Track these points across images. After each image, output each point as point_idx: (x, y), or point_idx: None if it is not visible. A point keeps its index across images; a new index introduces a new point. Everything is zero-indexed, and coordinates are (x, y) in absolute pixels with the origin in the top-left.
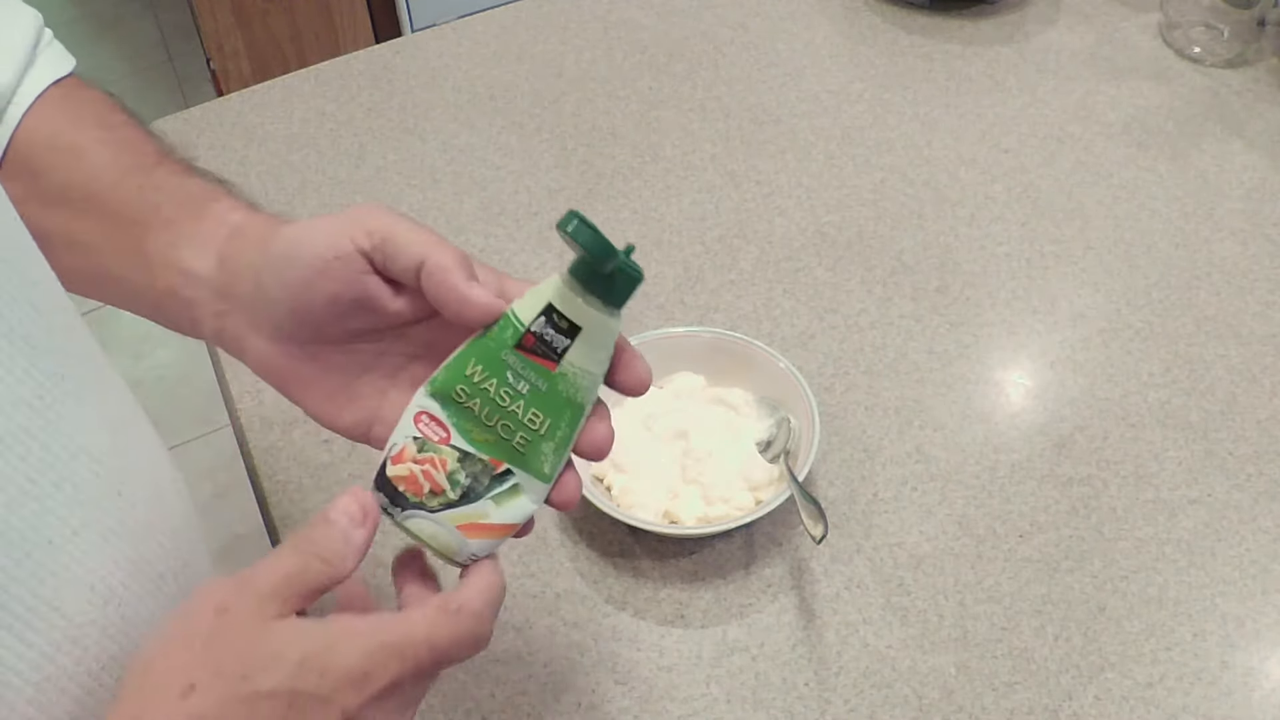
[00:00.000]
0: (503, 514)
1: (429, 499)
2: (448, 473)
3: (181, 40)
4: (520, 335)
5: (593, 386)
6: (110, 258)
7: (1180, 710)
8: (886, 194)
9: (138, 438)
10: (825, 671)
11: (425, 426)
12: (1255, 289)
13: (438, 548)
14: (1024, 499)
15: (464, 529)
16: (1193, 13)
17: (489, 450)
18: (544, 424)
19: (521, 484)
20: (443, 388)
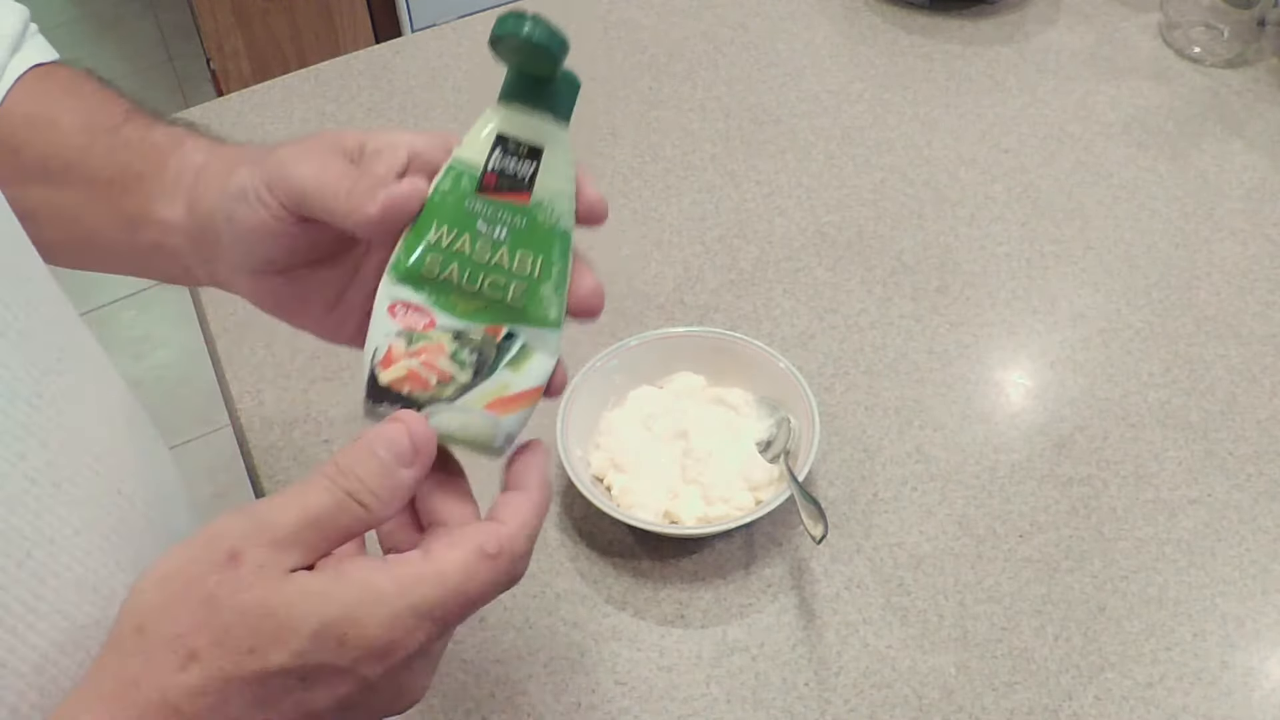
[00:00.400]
0: (524, 379)
1: (441, 390)
2: (449, 355)
3: (181, 40)
4: (479, 178)
5: (571, 210)
6: (94, 222)
7: (1180, 710)
8: (886, 194)
9: (137, 434)
10: (825, 671)
11: (404, 317)
12: (1255, 289)
13: (470, 440)
14: (1024, 499)
15: (492, 408)
16: (1193, 13)
17: (483, 318)
18: (535, 264)
19: (530, 342)
20: (410, 269)
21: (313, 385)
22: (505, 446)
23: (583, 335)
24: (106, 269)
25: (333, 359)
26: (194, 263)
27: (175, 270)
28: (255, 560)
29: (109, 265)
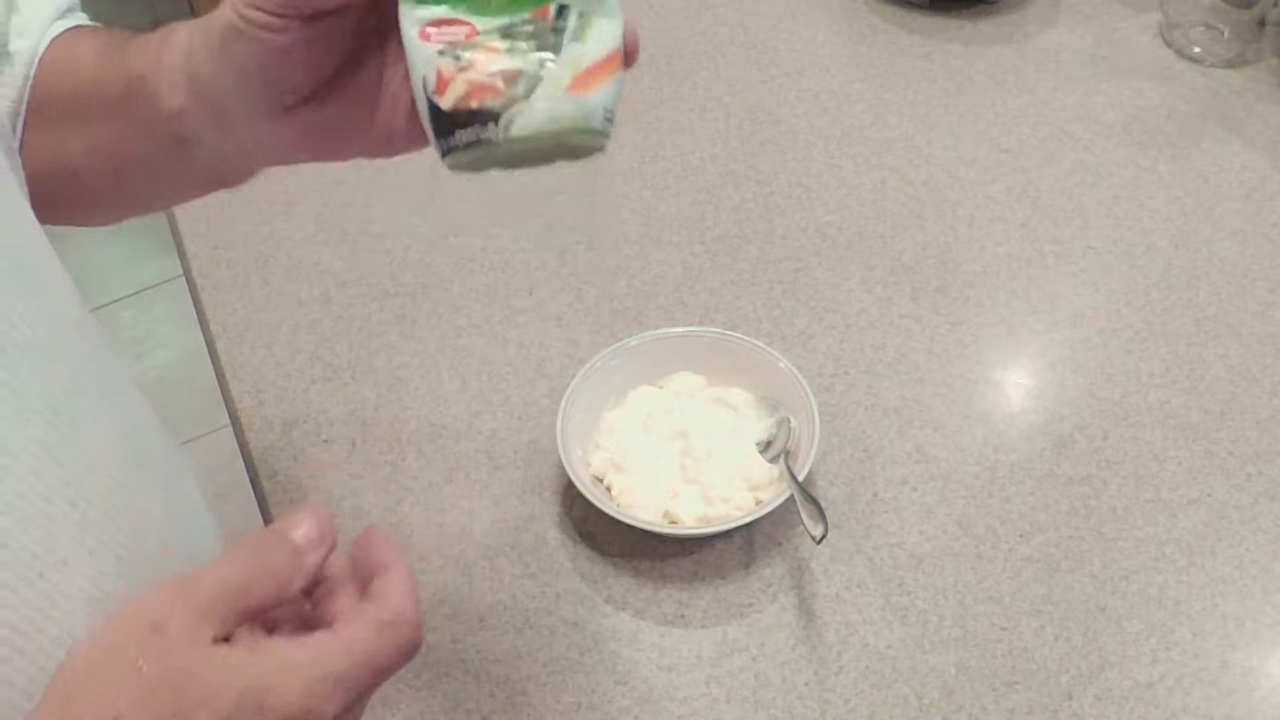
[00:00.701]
0: (595, 47)
1: (514, 88)
2: (504, 52)
3: None
4: None
5: None
6: (119, 145)
7: (1180, 710)
8: (886, 194)
9: (155, 450)
10: (825, 671)
11: (440, 36)
12: (1255, 289)
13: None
14: (1024, 499)
15: (574, 89)
16: (1193, 13)
17: (524, 5)
18: None
19: (584, 7)
20: None
21: (313, 385)
22: (608, 125)
23: (583, 335)
24: (149, 198)
25: (333, 359)
26: (223, 144)
27: (208, 161)
28: (178, 629)
29: (161, 191)
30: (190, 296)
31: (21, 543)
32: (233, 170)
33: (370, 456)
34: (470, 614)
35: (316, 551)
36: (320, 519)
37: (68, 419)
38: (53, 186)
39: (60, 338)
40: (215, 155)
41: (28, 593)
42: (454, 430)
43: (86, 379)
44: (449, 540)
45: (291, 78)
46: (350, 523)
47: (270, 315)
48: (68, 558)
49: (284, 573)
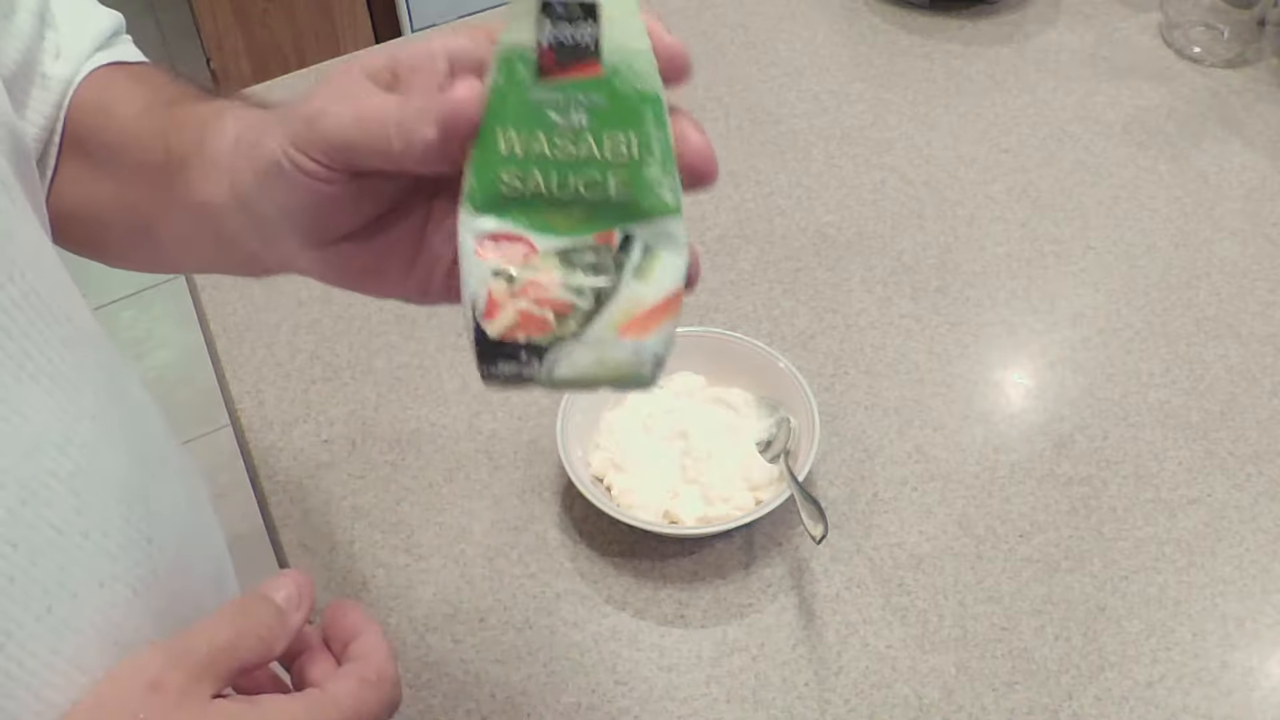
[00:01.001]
0: (657, 287)
1: (562, 327)
2: (561, 286)
3: (181, 40)
4: (535, 60)
5: (651, 67)
6: (152, 215)
7: (1180, 710)
8: (886, 194)
9: (172, 478)
10: (825, 671)
11: (495, 252)
12: (1255, 289)
13: (616, 375)
14: (1024, 499)
15: (627, 333)
16: (1193, 13)
17: (588, 227)
18: (632, 143)
19: (652, 240)
20: (486, 194)
21: (313, 385)
22: (656, 373)
23: None
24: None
25: (333, 359)
26: (255, 246)
27: (241, 258)
28: (177, 688)
29: (180, 262)
30: (190, 296)
31: (31, 575)
32: (265, 269)
33: (370, 456)
34: (470, 614)
35: (298, 612)
36: (299, 581)
37: (82, 447)
38: (81, 227)
39: (77, 365)
40: (247, 254)
41: (35, 627)
42: (454, 430)
43: (102, 405)
44: (449, 540)
45: (331, 220)
46: (350, 523)
47: (270, 315)
48: (78, 590)
49: (269, 632)
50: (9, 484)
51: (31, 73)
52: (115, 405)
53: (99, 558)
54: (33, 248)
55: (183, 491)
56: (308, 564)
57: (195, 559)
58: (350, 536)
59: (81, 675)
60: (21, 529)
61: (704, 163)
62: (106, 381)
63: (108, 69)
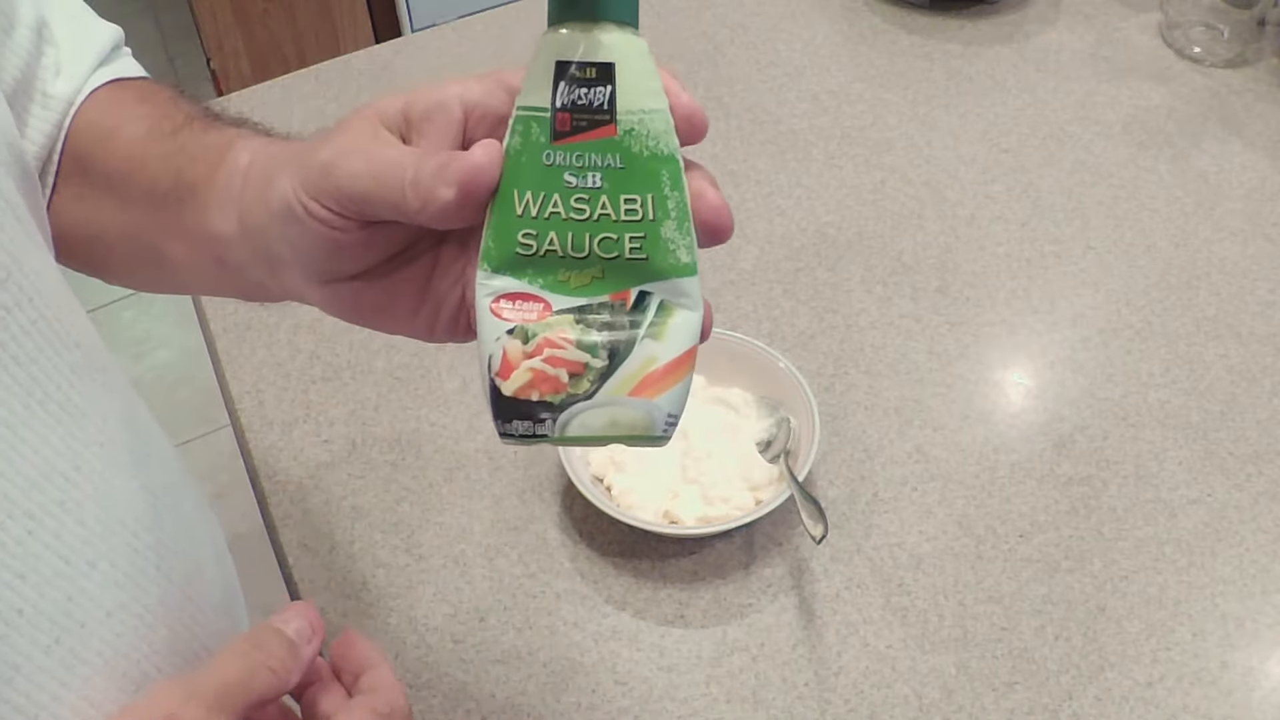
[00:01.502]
0: (671, 345)
1: (576, 385)
2: (576, 343)
3: (181, 40)
4: (550, 123)
5: (667, 127)
6: (156, 239)
7: (1180, 710)
8: (886, 194)
9: (179, 503)
10: (825, 671)
11: (512, 312)
12: (1255, 289)
13: (629, 434)
14: (1024, 499)
15: (639, 392)
16: (1193, 13)
17: (604, 286)
18: (646, 204)
19: (667, 298)
20: (502, 253)
21: (313, 385)
22: (669, 431)
23: None
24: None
25: (333, 359)
26: (262, 276)
27: (247, 286)
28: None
29: (185, 285)
30: (190, 296)
31: (39, 607)
32: (271, 297)
33: (370, 456)
34: (470, 614)
35: (310, 645)
36: (310, 614)
37: (90, 476)
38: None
39: (85, 392)
40: (257, 281)
41: (43, 659)
42: (454, 430)
43: (110, 433)
44: (449, 540)
45: (340, 262)
46: (350, 523)
47: (270, 315)
48: (85, 621)
49: (282, 666)
50: (16, 515)
51: (31, 90)
52: (123, 432)
53: (107, 587)
54: (40, 272)
55: (186, 513)
56: (308, 564)
57: (203, 587)
58: (350, 536)
59: (90, 708)
60: (29, 560)
61: (719, 220)
62: (115, 408)
63: (111, 88)
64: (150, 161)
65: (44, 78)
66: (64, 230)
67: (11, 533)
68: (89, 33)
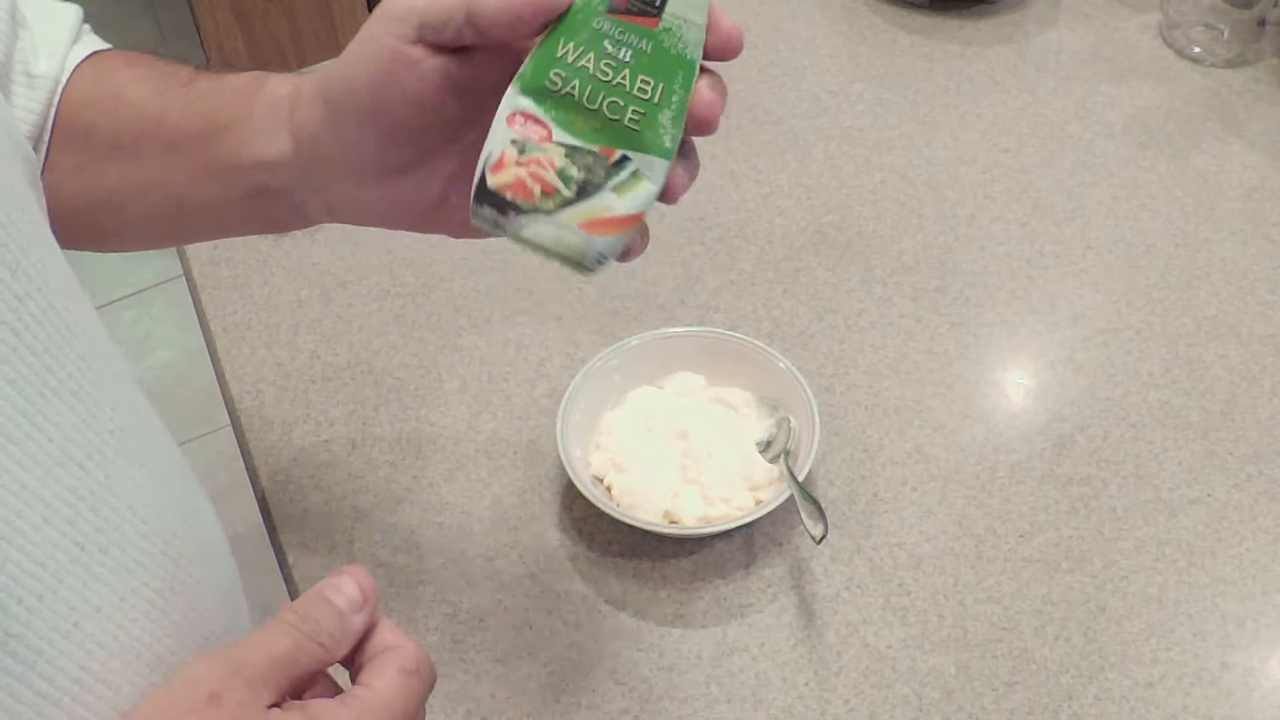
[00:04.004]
0: (627, 203)
1: (544, 201)
2: (558, 170)
3: (181, 40)
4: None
5: (698, 40)
6: (183, 185)
7: (1180, 710)
8: (886, 194)
9: (184, 492)
10: (825, 671)
11: (522, 127)
12: (1255, 289)
13: (562, 253)
14: (1024, 499)
15: (587, 227)
16: (1193, 13)
17: (598, 139)
18: (656, 90)
19: (641, 167)
20: (534, 80)
21: (313, 385)
22: (596, 267)
23: (583, 336)
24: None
25: (333, 359)
26: (304, 195)
27: (282, 213)
28: (235, 699)
29: (202, 228)
30: (190, 296)
31: (58, 592)
32: (298, 220)
33: (370, 456)
34: (470, 614)
35: (360, 614)
36: (361, 581)
37: (101, 463)
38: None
39: (95, 380)
40: (294, 203)
41: (64, 644)
42: (454, 430)
43: (120, 420)
44: (449, 540)
45: (388, 151)
46: (350, 523)
47: (270, 315)
48: (101, 605)
49: (330, 640)
50: (34, 503)
51: (11, 73)
52: (131, 418)
53: (119, 572)
54: (48, 263)
55: (190, 501)
56: (308, 564)
57: (207, 570)
58: (350, 537)
59: (109, 691)
60: (46, 547)
61: (707, 114)
62: (120, 396)
63: (95, 59)
64: (170, 112)
65: (25, 59)
66: (62, 205)
67: (30, 520)
68: (55, 12)
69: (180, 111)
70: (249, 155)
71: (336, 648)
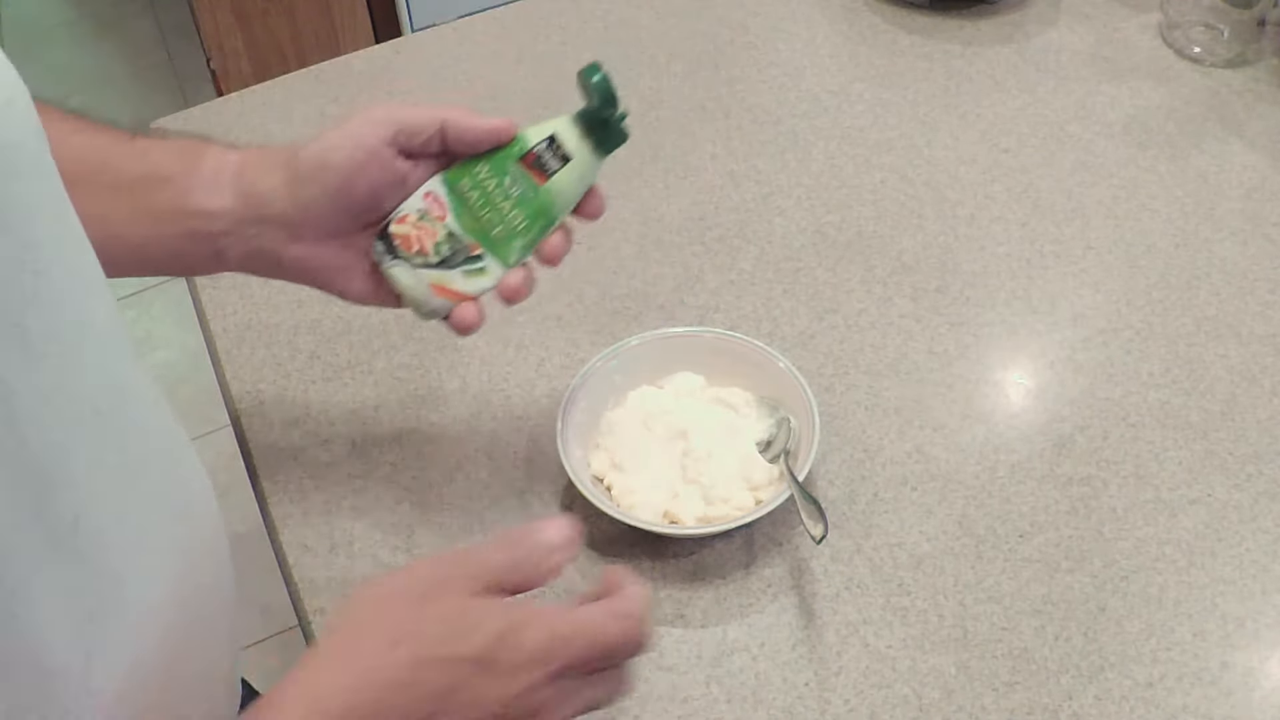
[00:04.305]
0: (467, 285)
1: (414, 257)
2: (435, 242)
3: (181, 40)
4: (525, 151)
5: (566, 207)
6: (120, 225)
7: (1180, 710)
8: (886, 194)
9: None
10: (825, 671)
11: (429, 202)
12: (1255, 289)
13: (411, 296)
14: (1024, 499)
15: (435, 288)
16: (1193, 13)
17: (470, 235)
18: (521, 223)
19: (487, 266)
20: (453, 179)
21: (313, 385)
22: (430, 317)
23: (583, 336)
24: (117, 270)
25: (333, 359)
26: (234, 245)
27: (200, 256)
28: (457, 584)
29: (123, 265)
30: (190, 296)
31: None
32: (213, 267)
33: (370, 456)
34: None
35: (562, 553)
36: (570, 526)
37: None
38: None
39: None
40: (218, 250)
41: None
42: (454, 430)
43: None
44: (449, 540)
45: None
46: (350, 523)
47: (270, 315)
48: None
49: (535, 569)
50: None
51: None
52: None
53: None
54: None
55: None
56: (308, 564)
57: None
58: (350, 536)
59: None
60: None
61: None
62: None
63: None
64: (113, 160)
65: None
66: None
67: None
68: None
69: (123, 159)
70: (191, 203)
71: (539, 576)
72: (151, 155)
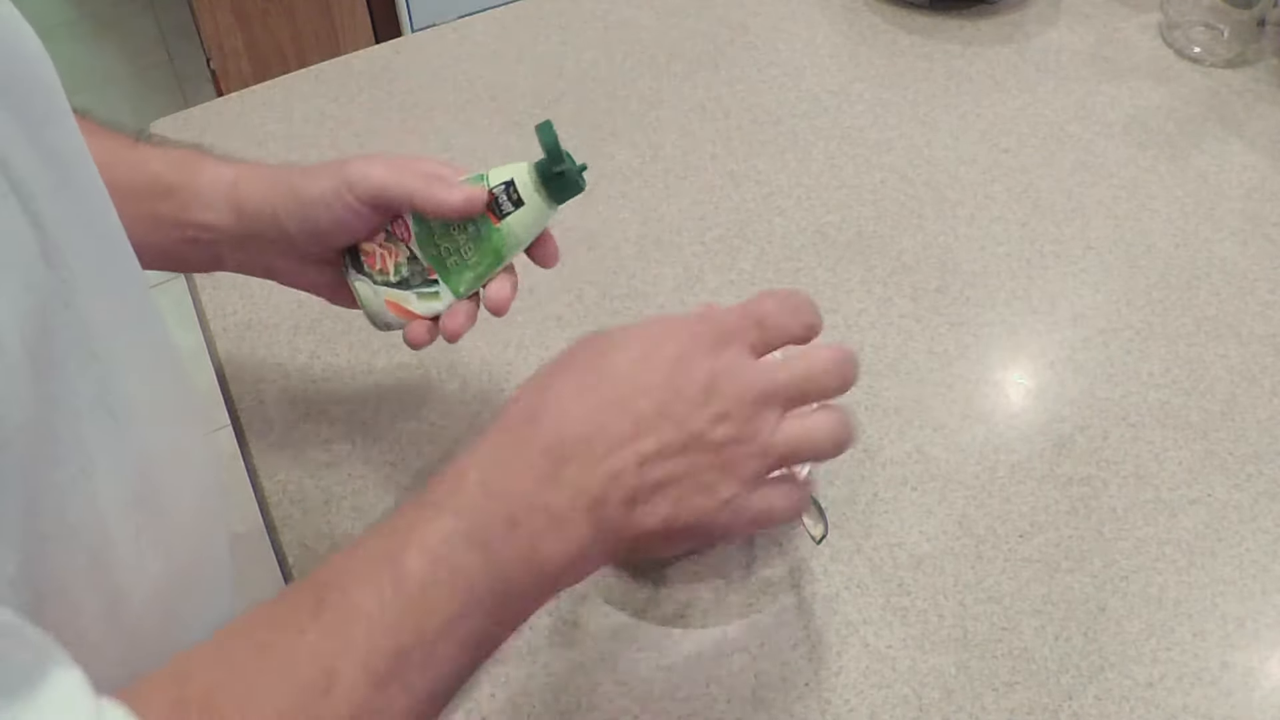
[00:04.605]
0: (419, 306)
1: (377, 274)
2: (396, 263)
3: (181, 40)
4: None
5: (516, 248)
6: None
7: (1180, 710)
8: (886, 194)
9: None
10: (825, 671)
11: (396, 226)
12: (1255, 289)
13: (367, 309)
14: (1024, 499)
15: (390, 304)
16: (1193, 13)
17: (429, 260)
18: (473, 257)
19: (440, 292)
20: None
21: (313, 385)
22: (384, 330)
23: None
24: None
25: (333, 359)
26: (228, 254)
27: (199, 259)
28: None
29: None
30: (190, 296)
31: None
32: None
33: (370, 456)
34: None
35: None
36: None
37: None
38: None
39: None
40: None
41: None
42: (454, 430)
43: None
44: None
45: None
46: (350, 523)
47: (270, 315)
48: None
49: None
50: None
51: None
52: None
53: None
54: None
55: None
56: (308, 564)
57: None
58: (350, 536)
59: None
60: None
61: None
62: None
63: None
64: (118, 165)
65: None
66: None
67: None
68: None
69: (127, 167)
70: (193, 217)
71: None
72: (152, 165)
